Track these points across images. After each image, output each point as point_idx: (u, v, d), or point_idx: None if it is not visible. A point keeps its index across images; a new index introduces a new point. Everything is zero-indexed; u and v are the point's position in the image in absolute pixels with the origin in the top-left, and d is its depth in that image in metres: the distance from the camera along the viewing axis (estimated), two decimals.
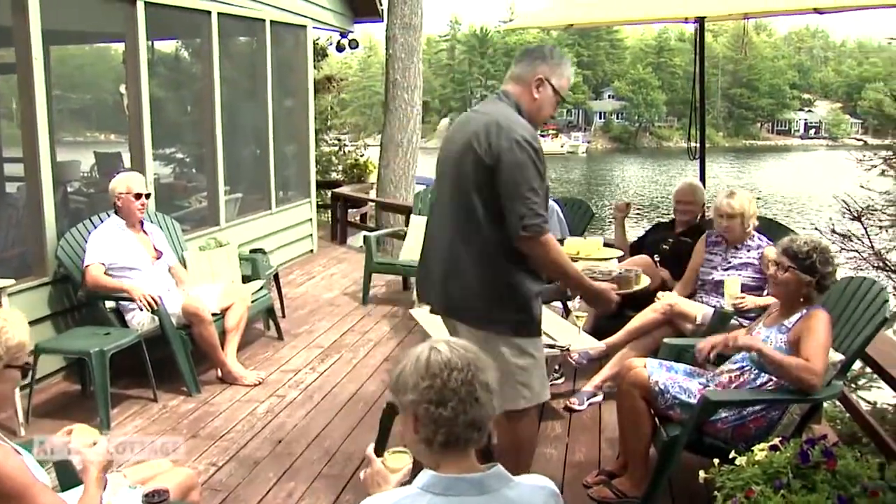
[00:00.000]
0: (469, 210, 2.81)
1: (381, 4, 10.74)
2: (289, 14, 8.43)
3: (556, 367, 4.79)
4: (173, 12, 6.51)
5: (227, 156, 7.27)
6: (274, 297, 6.16)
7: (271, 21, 7.92)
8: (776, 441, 2.55)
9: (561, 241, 4.37)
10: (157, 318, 4.62)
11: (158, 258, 4.94)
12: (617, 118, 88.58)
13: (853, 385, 6.56)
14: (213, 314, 4.96)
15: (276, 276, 6.48)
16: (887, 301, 3.17)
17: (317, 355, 5.54)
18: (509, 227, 2.75)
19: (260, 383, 4.92)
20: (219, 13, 6.93)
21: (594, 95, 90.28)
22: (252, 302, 5.35)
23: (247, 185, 8.23)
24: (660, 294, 4.57)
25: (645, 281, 4.41)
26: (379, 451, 3.53)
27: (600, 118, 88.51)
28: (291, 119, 9.11)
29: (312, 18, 9.08)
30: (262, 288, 5.68)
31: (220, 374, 4.97)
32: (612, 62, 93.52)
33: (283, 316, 6.35)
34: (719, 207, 4.50)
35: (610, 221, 5.18)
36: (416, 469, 1.71)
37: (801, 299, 3.19)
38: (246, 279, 5.78)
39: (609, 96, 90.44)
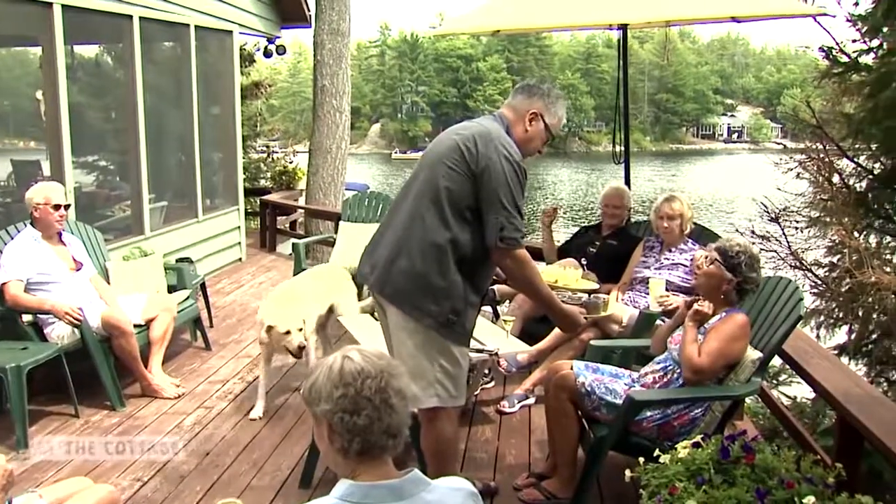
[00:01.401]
0: (435, 203, 2.87)
1: (308, 10, 10.68)
2: (214, 19, 8.31)
3: (486, 371, 4.82)
4: (93, 16, 6.35)
5: (152, 163, 7.12)
6: (201, 306, 6.06)
7: (196, 26, 7.79)
8: (698, 438, 2.62)
9: None
10: (77, 330, 4.48)
11: (77, 269, 4.79)
12: None
13: (775, 381, 6.76)
14: (138, 325, 4.85)
15: (203, 286, 6.37)
16: (802, 299, 3.28)
17: (245, 365, 5.45)
18: (487, 237, 2.84)
19: (180, 396, 4.82)
20: (141, 17, 6.79)
21: None
22: (178, 312, 5.24)
23: (172, 193, 8.06)
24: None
25: (611, 308, 4.47)
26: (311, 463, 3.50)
27: None
28: (218, 125, 8.97)
29: (238, 24, 8.97)
30: (188, 298, 5.57)
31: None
32: (542, 68, 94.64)
33: (211, 326, 6.24)
34: (659, 210, 4.73)
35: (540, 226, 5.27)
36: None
37: (722, 296, 3.28)
38: (172, 289, 5.66)
39: None
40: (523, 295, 4.29)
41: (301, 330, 4.40)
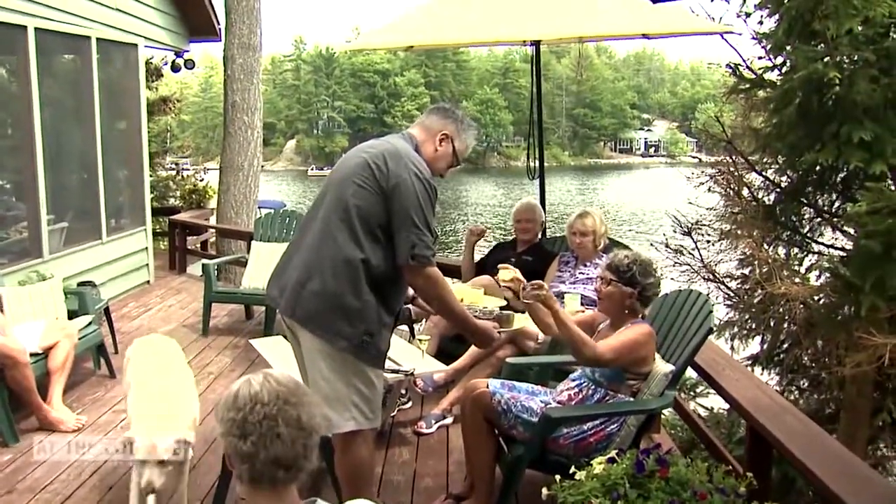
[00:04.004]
0: (345, 222, 2.86)
1: (218, 23, 10.53)
2: (117, 31, 8.10)
3: (403, 392, 4.81)
4: None
5: (51, 182, 6.89)
6: (105, 332, 5.88)
7: (98, 39, 7.59)
8: (613, 453, 2.67)
9: None
10: None
11: None
12: None
13: (693, 392, 6.94)
14: (35, 354, 4.66)
15: (107, 310, 6.18)
16: (712, 312, 3.39)
17: None
18: (398, 256, 2.84)
19: (80, 429, 4.64)
20: (36, 28, 6.56)
21: None
22: (79, 339, 5.06)
23: (74, 214, 7.81)
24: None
25: (519, 321, 4.53)
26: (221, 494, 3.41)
27: None
28: (123, 142, 8.75)
29: (144, 37, 8.76)
30: (90, 323, 5.40)
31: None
32: (459, 83, 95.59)
33: (116, 352, 6.03)
34: (572, 226, 4.84)
35: (460, 243, 5.37)
36: None
37: (626, 311, 3.36)
38: (73, 314, 5.47)
39: None
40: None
41: (166, 463, 2.97)
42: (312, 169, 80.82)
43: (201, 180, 13.52)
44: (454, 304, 3.08)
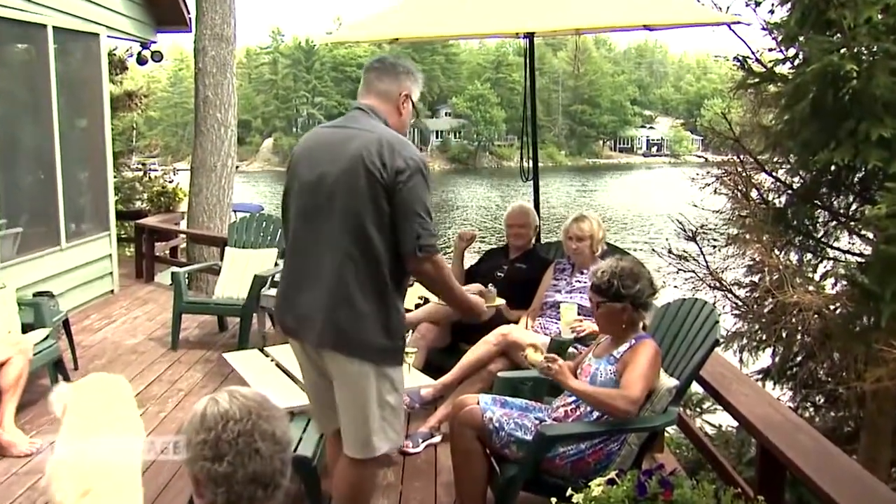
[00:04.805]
0: (360, 232, 2.84)
1: (188, 13, 10.51)
2: (77, 20, 8.07)
3: None
4: None
5: (3, 183, 6.84)
6: (64, 346, 5.84)
7: (54, 27, 7.54)
8: (613, 475, 2.65)
9: None
10: None
11: None
12: (455, 137, 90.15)
13: (699, 408, 6.94)
14: None
15: (66, 323, 6.13)
16: (718, 322, 3.39)
17: None
18: (404, 248, 2.84)
19: (35, 452, 4.58)
20: None
21: (430, 113, 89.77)
22: (35, 354, 5.01)
23: (29, 218, 7.75)
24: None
25: (500, 301, 4.58)
26: None
27: (437, 137, 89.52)
28: (84, 140, 8.73)
29: (106, 26, 8.74)
30: (47, 337, 5.35)
31: None
32: (449, 77, 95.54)
33: (76, 368, 6.00)
34: (568, 230, 4.82)
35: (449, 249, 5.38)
36: None
37: (624, 325, 3.35)
38: (28, 328, 5.41)
39: (446, 114, 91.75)
40: (437, 300, 4.33)
41: None
42: None
43: (170, 182, 13.43)
44: (455, 285, 3.12)
